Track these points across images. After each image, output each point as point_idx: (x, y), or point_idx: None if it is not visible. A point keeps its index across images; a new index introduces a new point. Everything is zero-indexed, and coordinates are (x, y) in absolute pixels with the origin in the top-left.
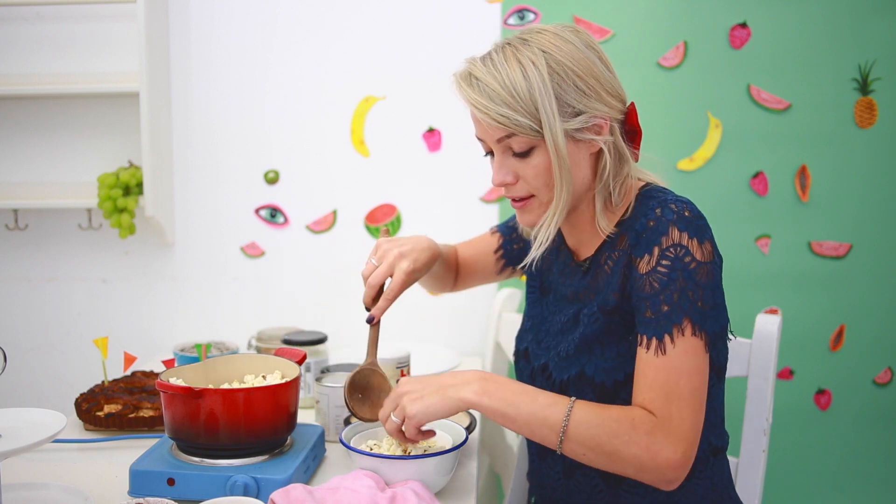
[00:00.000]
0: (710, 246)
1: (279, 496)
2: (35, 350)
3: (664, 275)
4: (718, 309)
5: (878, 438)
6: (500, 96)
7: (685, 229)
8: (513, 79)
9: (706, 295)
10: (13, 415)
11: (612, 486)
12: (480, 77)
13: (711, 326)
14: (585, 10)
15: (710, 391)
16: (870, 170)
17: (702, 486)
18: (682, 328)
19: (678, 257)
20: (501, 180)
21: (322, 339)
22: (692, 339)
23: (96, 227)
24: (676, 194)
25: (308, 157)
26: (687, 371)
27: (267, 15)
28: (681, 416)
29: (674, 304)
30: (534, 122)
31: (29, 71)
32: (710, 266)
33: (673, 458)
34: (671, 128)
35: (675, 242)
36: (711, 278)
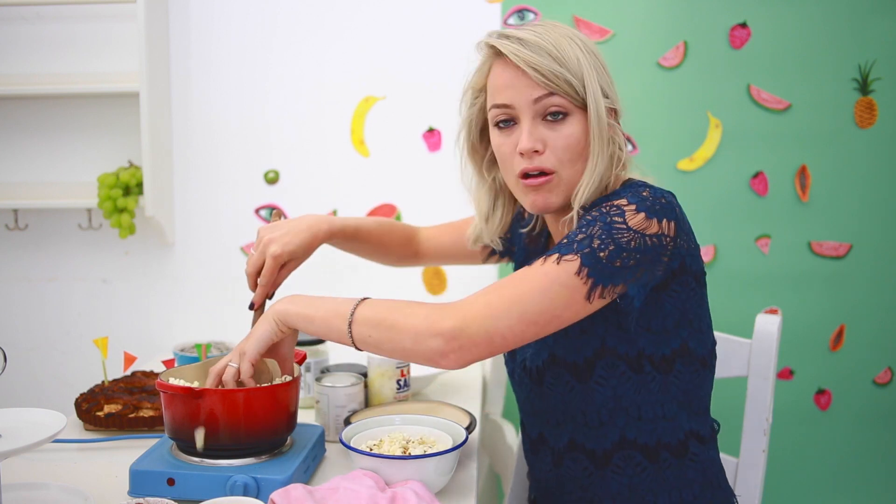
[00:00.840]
0: (657, 225)
1: (279, 496)
2: (35, 350)
3: (585, 221)
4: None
5: (878, 438)
6: (550, 53)
7: (633, 201)
8: (560, 42)
9: (613, 252)
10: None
11: (599, 467)
12: (525, 37)
13: (603, 280)
14: (585, 10)
15: (690, 377)
16: (870, 170)
17: (692, 470)
18: (563, 257)
19: (607, 213)
20: (532, 146)
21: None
22: (566, 271)
23: (96, 227)
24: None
25: (308, 157)
26: (529, 284)
27: (267, 15)
28: (476, 300)
29: (573, 240)
30: (580, 86)
31: (29, 71)
32: (637, 235)
33: (445, 325)
34: (671, 128)
35: (615, 204)
36: (632, 245)
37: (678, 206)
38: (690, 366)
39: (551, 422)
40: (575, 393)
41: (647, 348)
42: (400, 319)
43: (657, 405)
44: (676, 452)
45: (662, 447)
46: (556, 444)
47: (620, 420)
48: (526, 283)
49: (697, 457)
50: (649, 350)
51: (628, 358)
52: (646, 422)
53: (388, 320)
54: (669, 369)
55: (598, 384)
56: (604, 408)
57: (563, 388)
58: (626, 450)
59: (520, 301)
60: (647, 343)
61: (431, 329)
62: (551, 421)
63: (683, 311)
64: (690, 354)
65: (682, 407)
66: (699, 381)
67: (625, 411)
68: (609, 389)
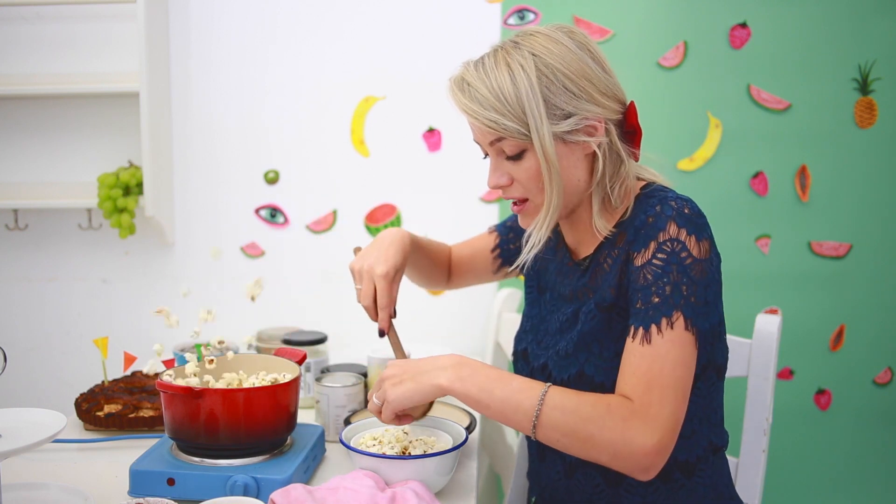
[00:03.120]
0: (708, 244)
1: (279, 496)
2: (35, 350)
3: (658, 267)
4: (710, 306)
5: (878, 438)
6: (489, 101)
7: (683, 225)
8: (501, 83)
9: (699, 291)
10: (13, 415)
11: (612, 485)
12: (471, 82)
13: (702, 323)
14: (585, 10)
15: (710, 391)
16: (870, 170)
17: (702, 486)
18: (671, 321)
19: (674, 251)
20: (496, 183)
21: (322, 339)
22: (681, 332)
23: (96, 227)
24: (678, 193)
25: (308, 157)
26: (672, 361)
27: (267, 15)
28: (660, 404)
29: (665, 296)
30: (521, 126)
31: (29, 71)
32: (705, 263)
33: (648, 444)
34: (671, 128)
35: (672, 237)
36: (706, 275)
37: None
38: (709, 380)
39: None
40: None
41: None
42: (595, 433)
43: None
44: (686, 471)
45: (676, 467)
46: (569, 457)
47: None
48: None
49: (705, 472)
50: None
51: None
52: None
53: (580, 432)
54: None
55: None
56: None
57: None
58: None
59: (679, 383)
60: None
61: (630, 447)
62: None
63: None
64: (712, 366)
65: (702, 422)
66: (716, 391)
67: None
68: None
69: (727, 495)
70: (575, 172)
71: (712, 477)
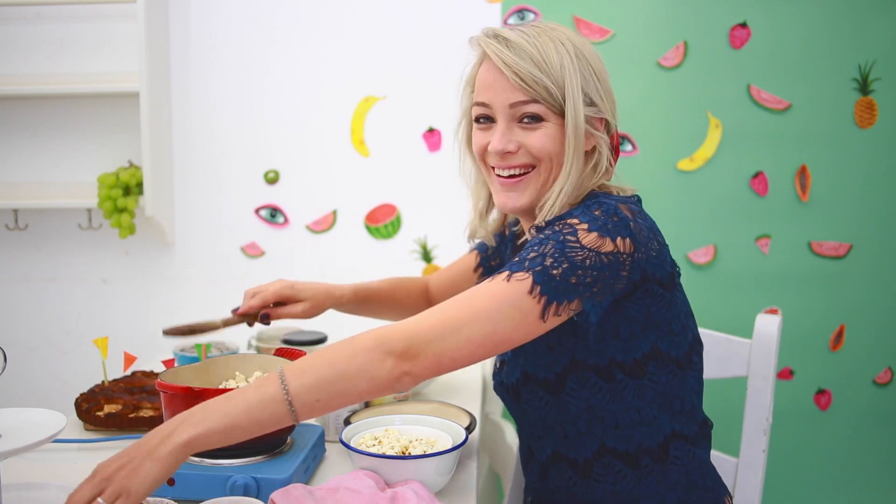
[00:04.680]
0: (611, 243)
1: (279, 496)
2: (35, 350)
3: (538, 239)
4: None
5: (878, 438)
6: (533, 58)
7: (585, 220)
8: (546, 48)
9: (567, 269)
10: (13, 415)
11: (583, 477)
12: (512, 39)
13: (559, 298)
14: (585, 10)
15: (668, 378)
16: (870, 170)
17: (675, 472)
18: (513, 275)
19: (560, 231)
20: (504, 147)
21: (322, 339)
22: (519, 290)
23: (96, 227)
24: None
25: (308, 157)
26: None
27: (267, 15)
28: (423, 320)
29: (524, 258)
30: (559, 94)
31: (29, 71)
32: (591, 253)
33: (395, 346)
34: (671, 128)
35: (567, 223)
36: (586, 263)
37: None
38: (665, 367)
39: (533, 435)
40: (550, 407)
41: (617, 355)
42: (345, 365)
43: (633, 411)
44: (658, 457)
45: (643, 453)
46: (541, 457)
47: (597, 430)
48: (475, 303)
49: (680, 459)
50: (620, 357)
51: (599, 368)
52: (623, 429)
53: (332, 373)
54: (642, 374)
55: (570, 397)
56: (580, 419)
57: (539, 403)
58: (606, 458)
59: (468, 323)
60: (616, 350)
61: (382, 353)
62: (533, 434)
63: (649, 315)
64: (663, 357)
65: (662, 409)
66: (678, 381)
67: (600, 421)
68: (582, 401)
69: (701, 485)
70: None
71: (687, 465)
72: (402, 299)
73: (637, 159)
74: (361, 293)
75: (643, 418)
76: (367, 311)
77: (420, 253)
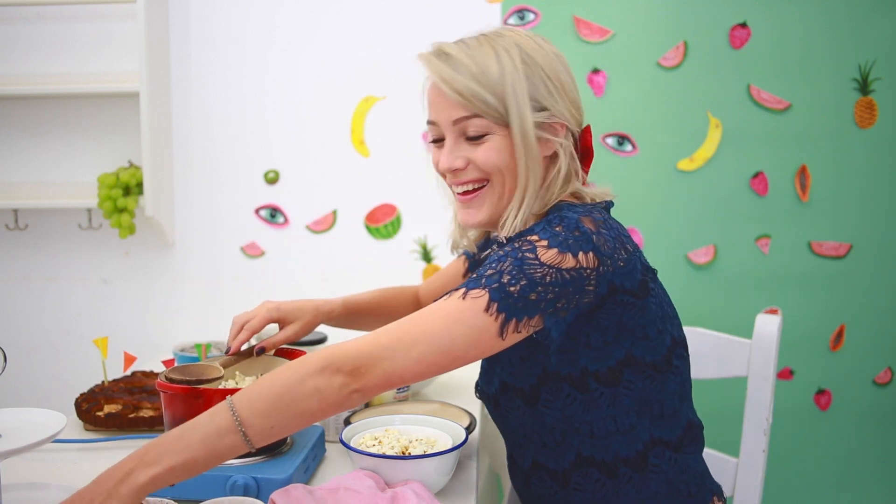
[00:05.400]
0: (572, 259)
1: (279, 496)
2: (35, 350)
3: (496, 256)
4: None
5: (878, 438)
6: (472, 72)
7: (545, 236)
8: (485, 60)
9: (525, 287)
10: (13, 415)
11: (562, 486)
12: (452, 53)
13: (517, 313)
14: (585, 10)
15: (646, 384)
16: (870, 170)
17: (655, 481)
18: (469, 293)
19: (518, 248)
20: (450, 165)
21: (322, 339)
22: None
23: (96, 227)
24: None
25: (308, 157)
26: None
27: (267, 15)
28: (377, 340)
29: (482, 275)
30: (500, 105)
31: (29, 71)
32: (550, 270)
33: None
34: (671, 128)
35: (527, 239)
36: (545, 279)
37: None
38: (641, 373)
39: (515, 443)
40: (527, 416)
41: (590, 365)
42: (295, 388)
43: (609, 420)
44: (636, 465)
45: (620, 461)
46: (523, 465)
47: (574, 440)
48: (429, 322)
49: (660, 466)
50: (593, 366)
51: (572, 378)
52: (599, 438)
53: (283, 397)
54: (617, 382)
55: (545, 407)
56: (556, 429)
57: (517, 412)
58: (584, 467)
59: (420, 341)
60: (588, 359)
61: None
62: (515, 442)
63: (621, 323)
64: (638, 363)
65: (640, 416)
66: (656, 385)
67: (576, 431)
68: (557, 412)
69: (685, 492)
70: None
71: (668, 472)
72: (392, 310)
73: (637, 159)
74: (351, 306)
75: (619, 427)
76: (358, 323)
77: (420, 253)
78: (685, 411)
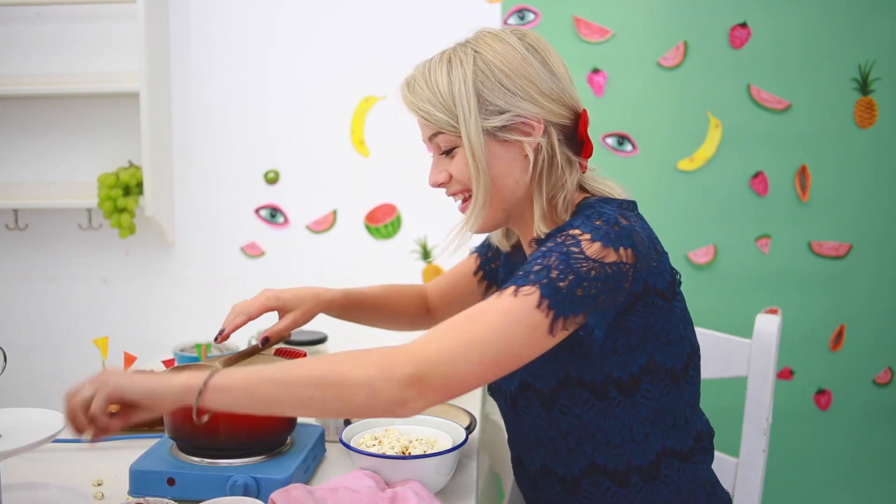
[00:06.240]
0: (614, 254)
1: (279, 496)
2: (35, 350)
3: (541, 252)
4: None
5: (878, 438)
6: (425, 94)
7: (587, 230)
8: (437, 78)
9: (573, 281)
10: (13, 415)
11: (570, 493)
12: (416, 78)
13: (565, 311)
14: (585, 10)
15: (664, 393)
16: (870, 170)
17: (665, 492)
18: (520, 290)
19: (563, 243)
20: (434, 180)
21: (322, 339)
22: (526, 305)
23: (96, 227)
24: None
25: (308, 157)
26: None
27: (267, 15)
28: (437, 343)
29: (530, 271)
30: (451, 118)
31: (29, 71)
32: (595, 264)
33: (402, 371)
34: (671, 128)
35: (569, 234)
36: (591, 274)
37: (638, 226)
38: (660, 382)
39: (525, 445)
40: (542, 419)
41: (613, 371)
42: (350, 372)
43: (624, 429)
44: (648, 476)
45: (633, 471)
46: (532, 468)
47: (588, 447)
48: (484, 323)
49: (670, 478)
50: (616, 373)
51: (594, 385)
52: (614, 447)
53: (332, 375)
54: (635, 390)
55: (561, 412)
56: (570, 435)
57: (534, 413)
58: (595, 475)
59: (479, 343)
60: (613, 366)
61: (388, 378)
62: (525, 445)
63: (647, 326)
64: (658, 370)
65: (655, 426)
66: (672, 396)
67: (591, 438)
68: (573, 418)
69: (694, 502)
70: (511, 173)
71: (678, 482)
72: (398, 307)
73: (637, 159)
74: (353, 297)
75: (634, 436)
76: (359, 316)
77: (420, 253)
78: (695, 421)
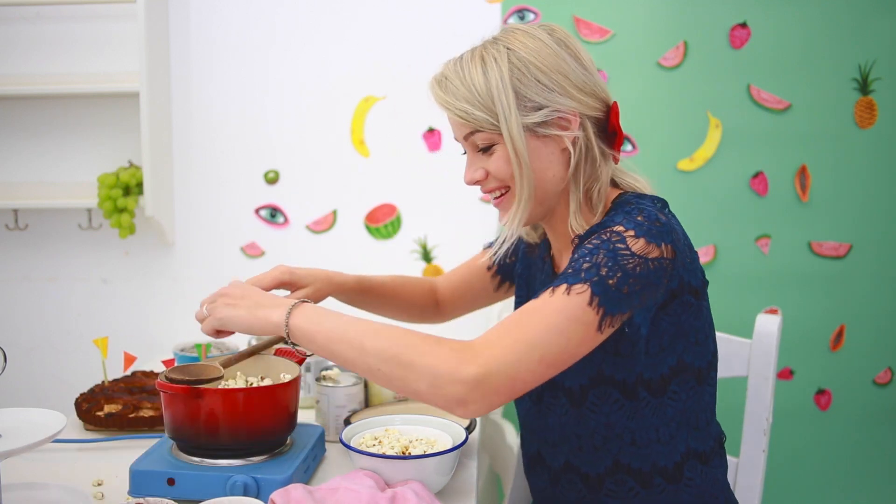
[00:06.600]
0: (657, 249)
1: (279, 496)
2: (35, 350)
3: (587, 249)
4: (629, 298)
5: (878, 438)
6: (461, 93)
7: (631, 227)
8: (473, 76)
9: (621, 278)
10: (13, 415)
11: (592, 491)
12: (449, 76)
13: (613, 309)
14: (585, 10)
15: (689, 395)
16: (870, 170)
17: (687, 493)
18: (572, 288)
19: (609, 240)
20: (471, 178)
21: None
22: (578, 303)
23: (96, 227)
24: (651, 203)
25: (308, 157)
26: (545, 321)
27: (267, 15)
28: (500, 346)
29: (579, 269)
30: (490, 116)
31: (29, 71)
32: (641, 260)
33: (466, 373)
34: (671, 128)
35: (614, 230)
36: (637, 270)
37: (674, 223)
38: (686, 384)
39: (549, 441)
40: (570, 416)
41: (645, 372)
42: (417, 359)
43: (651, 430)
44: (671, 477)
45: (657, 472)
46: (553, 464)
47: (614, 446)
48: (542, 322)
49: (693, 480)
50: (647, 374)
51: (625, 385)
52: (640, 447)
53: (403, 356)
54: (664, 391)
55: (590, 411)
56: (597, 433)
57: (560, 410)
58: (619, 474)
59: (539, 343)
60: (644, 366)
61: (453, 375)
62: (549, 440)
63: (678, 325)
64: (686, 370)
65: (681, 426)
66: (696, 397)
67: (618, 437)
68: (602, 416)
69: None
70: (550, 167)
71: (700, 486)
72: (408, 297)
73: (637, 159)
74: (365, 284)
75: (660, 437)
76: (370, 303)
77: (420, 253)
78: (714, 425)
